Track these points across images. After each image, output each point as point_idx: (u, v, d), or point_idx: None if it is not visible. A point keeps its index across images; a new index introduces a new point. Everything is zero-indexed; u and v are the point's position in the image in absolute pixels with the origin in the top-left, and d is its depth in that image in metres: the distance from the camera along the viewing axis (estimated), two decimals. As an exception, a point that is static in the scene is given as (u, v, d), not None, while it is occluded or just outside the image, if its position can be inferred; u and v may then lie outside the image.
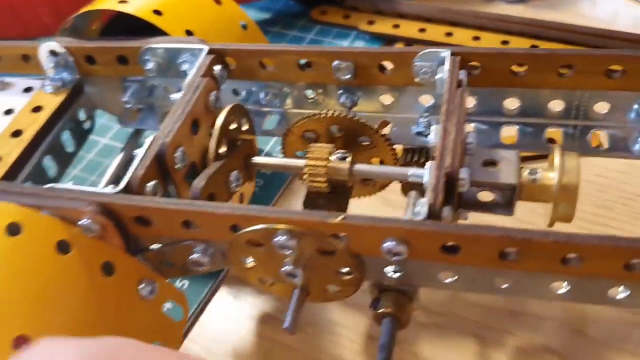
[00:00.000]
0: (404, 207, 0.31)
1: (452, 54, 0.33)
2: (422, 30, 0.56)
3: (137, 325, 0.30)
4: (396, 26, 0.57)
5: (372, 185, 0.37)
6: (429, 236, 0.25)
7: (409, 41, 0.56)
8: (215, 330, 0.37)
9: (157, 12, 0.38)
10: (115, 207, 0.29)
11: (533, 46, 0.51)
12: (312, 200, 0.34)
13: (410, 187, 0.34)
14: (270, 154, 0.46)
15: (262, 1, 0.64)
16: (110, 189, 0.29)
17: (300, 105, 0.38)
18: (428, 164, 0.28)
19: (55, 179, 0.39)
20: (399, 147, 0.35)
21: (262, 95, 0.38)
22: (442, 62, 0.33)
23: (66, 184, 0.30)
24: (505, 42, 0.53)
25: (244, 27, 0.42)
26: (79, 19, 0.41)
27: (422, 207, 0.26)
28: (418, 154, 0.34)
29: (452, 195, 0.27)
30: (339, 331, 0.36)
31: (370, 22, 0.58)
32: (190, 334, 0.36)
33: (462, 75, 0.32)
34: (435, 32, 0.55)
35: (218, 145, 0.32)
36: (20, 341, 0.26)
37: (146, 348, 0.19)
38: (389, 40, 0.57)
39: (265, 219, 0.27)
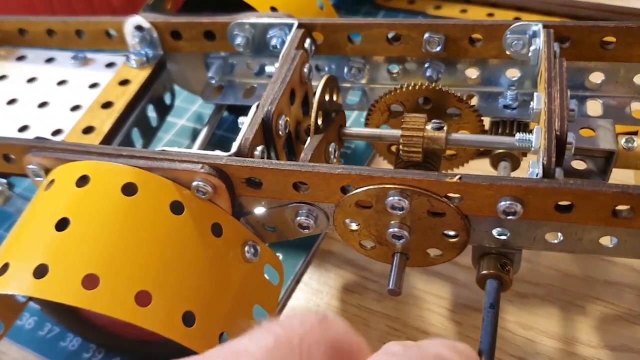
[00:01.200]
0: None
1: (545, 26, 0.33)
2: (490, 15, 0.57)
3: (240, 286, 0.31)
4: (464, 11, 0.58)
5: (458, 158, 0.37)
6: (546, 194, 0.26)
7: None
8: (305, 300, 0.37)
9: (244, -11, 0.39)
10: (228, 168, 0.29)
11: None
12: (403, 170, 0.35)
13: (500, 158, 0.35)
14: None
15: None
16: (221, 153, 0.30)
17: (382, 81, 0.39)
18: (536, 128, 0.29)
19: (142, 151, 0.40)
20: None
21: (345, 70, 0.39)
22: (534, 35, 0.34)
23: (174, 148, 0.31)
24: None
25: (321, 7, 0.43)
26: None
27: (536, 167, 0.27)
28: (506, 126, 0.35)
29: (561, 158, 0.28)
30: (426, 298, 0.37)
31: (437, 7, 0.59)
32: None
33: (556, 47, 0.33)
34: (503, 16, 0.56)
35: (317, 117, 0.33)
36: (142, 296, 0.27)
37: None
38: None
39: (380, 179, 0.28)
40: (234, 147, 0.30)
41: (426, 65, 0.37)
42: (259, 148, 0.31)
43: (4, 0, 0.55)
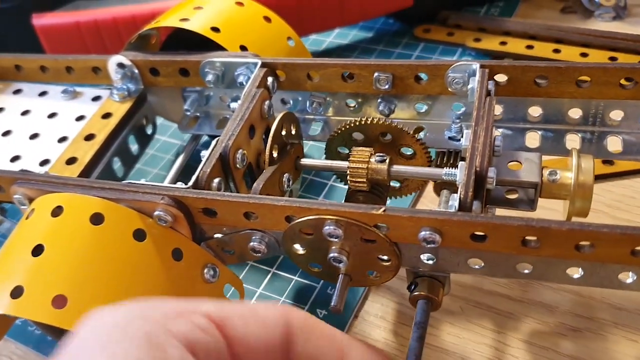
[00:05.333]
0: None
1: (482, 66, 0.36)
2: (529, 47, 0.58)
3: (201, 305, 0.34)
4: (503, 43, 0.59)
5: (406, 186, 0.40)
6: (460, 225, 0.29)
7: (517, 57, 0.57)
8: (363, 334, 0.39)
9: (215, 29, 0.43)
10: (186, 199, 0.33)
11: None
12: (353, 198, 0.38)
13: (442, 186, 0.38)
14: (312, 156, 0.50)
15: (363, 22, 0.66)
16: (181, 185, 0.34)
17: (341, 113, 0.42)
18: (460, 163, 0.32)
19: (123, 178, 0.44)
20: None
21: (307, 104, 0.42)
22: (473, 74, 0.37)
23: (141, 181, 0.35)
24: (612, 59, 0.55)
25: (292, 44, 0.46)
26: (143, 35, 0.46)
27: (454, 201, 0.30)
28: (450, 157, 0.38)
29: (481, 191, 0.31)
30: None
31: (477, 39, 0.61)
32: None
33: (491, 85, 0.36)
34: (542, 49, 0.57)
35: (272, 150, 0.37)
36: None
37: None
38: (496, 56, 0.59)
39: (317, 211, 0.31)
40: (192, 179, 0.34)
41: (379, 101, 0.40)
42: (217, 180, 0.34)
43: (60, 40, 0.59)
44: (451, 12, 0.63)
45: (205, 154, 0.35)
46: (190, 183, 0.34)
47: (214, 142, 0.35)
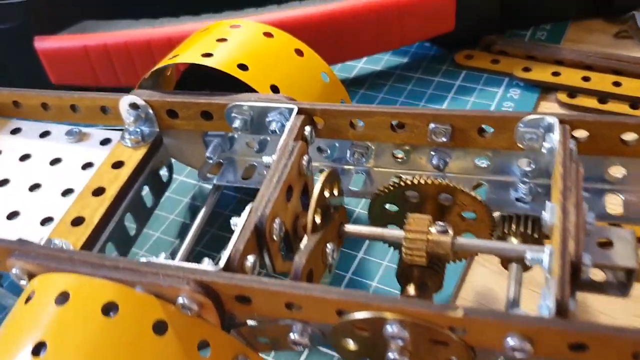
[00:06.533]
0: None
1: (561, 121, 0.31)
2: (585, 78, 0.52)
3: (230, 404, 0.29)
4: (556, 73, 0.53)
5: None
6: (558, 335, 0.24)
7: (572, 90, 0.52)
8: None
9: (243, 67, 0.37)
10: (216, 285, 0.27)
11: None
12: (407, 271, 0.32)
13: (510, 260, 0.32)
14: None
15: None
16: (209, 266, 0.28)
17: (387, 165, 0.37)
18: (547, 248, 0.27)
19: (136, 236, 0.39)
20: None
21: (348, 153, 0.37)
22: (548, 129, 0.31)
23: (162, 259, 0.30)
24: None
25: (326, 79, 0.41)
26: (159, 71, 0.40)
27: (548, 301, 0.25)
28: (520, 222, 0.33)
29: (575, 285, 0.26)
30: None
31: (526, 69, 0.55)
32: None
33: (572, 144, 0.30)
34: (600, 81, 0.52)
35: (314, 217, 0.31)
36: None
37: None
38: (547, 88, 0.53)
39: (377, 307, 0.26)
40: (223, 259, 0.28)
41: (432, 154, 0.35)
42: (251, 258, 0.29)
43: (65, 66, 0.53)
44: (495, 37, 0.57)
45: (237, 222, 0.30)
46: (222, 264, 0.28)
47: (247, 209, 0.30)
